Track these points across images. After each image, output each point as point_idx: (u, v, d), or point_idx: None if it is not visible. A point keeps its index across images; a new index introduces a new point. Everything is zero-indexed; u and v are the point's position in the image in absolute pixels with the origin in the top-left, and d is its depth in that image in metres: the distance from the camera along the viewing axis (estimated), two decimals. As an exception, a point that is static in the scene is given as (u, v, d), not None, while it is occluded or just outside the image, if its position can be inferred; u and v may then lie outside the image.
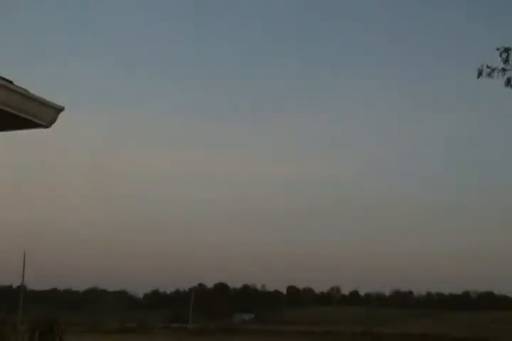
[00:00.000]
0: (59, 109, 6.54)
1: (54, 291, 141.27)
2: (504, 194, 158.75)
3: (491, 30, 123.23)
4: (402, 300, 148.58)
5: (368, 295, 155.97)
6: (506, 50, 11.27)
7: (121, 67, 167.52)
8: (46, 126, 6.57)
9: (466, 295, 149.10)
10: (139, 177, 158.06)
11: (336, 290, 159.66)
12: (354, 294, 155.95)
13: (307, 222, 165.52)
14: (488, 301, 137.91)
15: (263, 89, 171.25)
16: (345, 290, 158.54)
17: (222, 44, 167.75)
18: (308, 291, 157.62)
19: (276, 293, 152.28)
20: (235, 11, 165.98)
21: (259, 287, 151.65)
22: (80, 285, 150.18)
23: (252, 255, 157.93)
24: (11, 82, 6.13)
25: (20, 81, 6.20)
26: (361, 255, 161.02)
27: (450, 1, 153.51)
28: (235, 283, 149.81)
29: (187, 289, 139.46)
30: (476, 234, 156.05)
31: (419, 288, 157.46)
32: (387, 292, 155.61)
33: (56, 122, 6.58)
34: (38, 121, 6.44)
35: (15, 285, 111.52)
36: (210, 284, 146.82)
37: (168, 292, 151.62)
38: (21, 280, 77.72)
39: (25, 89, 6.22)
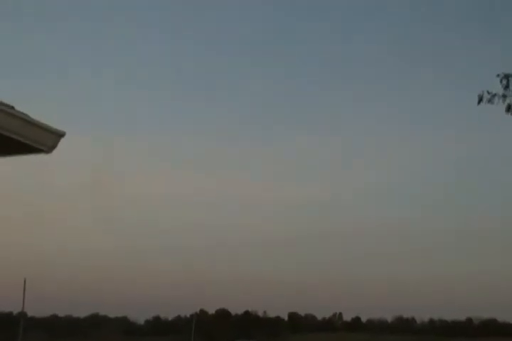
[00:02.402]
0: (60, 135, 6.54)
1: (55, 318, 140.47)
2: (504, 217, 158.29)
3: (491, 55, 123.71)
4: (404, 327, 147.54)
5: (370, 322, 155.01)
6: (506, 76, 11.34)
7: (125, 87, 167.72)
8: (47, 152, 6.57)
9: (469, 321, 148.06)
10: (141, 201, 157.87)
11: (338, 316, 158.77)
12: (356, 320, 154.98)
13: (308, 247, 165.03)
14: (491, 328, 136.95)
15: (264, 112, 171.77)
16: (348, 317, 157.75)
17: (231, 68, 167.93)
18: (310, 317, 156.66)
19: (278, 319, 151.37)
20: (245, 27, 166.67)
21: (260, 313, 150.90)
22: (81, 312, 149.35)
23: (253, 280, 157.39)
24: (12, 107, 6.14)
25: (21, 105, 6.22)
26: (363, 280, 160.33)
27: (451, 24, 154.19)
28: (237, 309, 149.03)
29: (188, 315, 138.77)
30: (478, 259, 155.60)
31: (422, 315, 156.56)
32: (390, 318, 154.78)
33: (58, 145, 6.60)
34: (39, 147, 6.44)
35: (15, 312, 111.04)
36: (211, 310, 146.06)
37: (169, 318, 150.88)
38: (22, 307, 77.30)
39: (26, 114, 6.23)
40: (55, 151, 6.61)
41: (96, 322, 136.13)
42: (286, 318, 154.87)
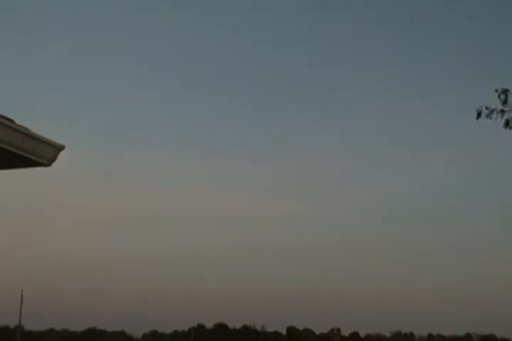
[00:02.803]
0: (59, 148, 6.57)
1: (51, 331, 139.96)
2: (500, 238, 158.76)
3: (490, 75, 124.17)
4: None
5: (368, 337, 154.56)
6: (504, 91, 11.40)
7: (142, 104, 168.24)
8: (47, 165, 6.60)
9: (468, 337, 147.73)
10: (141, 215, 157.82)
11: (336, 331, 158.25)
12: (354, 335, 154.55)
13: (308, 261, 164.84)
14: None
15: (273, 132, 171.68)
16: (346, 332, 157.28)
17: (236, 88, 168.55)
18: (309, 332, 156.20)
19: (276, 333, 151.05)
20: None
21: (258, 327, 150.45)
22: (78, 325, 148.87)
23: (252, 294, 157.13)
24: (12, 120, 6.17)
25: (21, 119, 6.25)
26: (361, 295, 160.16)
27: (450, 49, 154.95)
28: (235, 323, 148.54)
29: (186, 329, 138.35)
30: (477, 274, 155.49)
31: (420, 330, 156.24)
32: (388, 333, 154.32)
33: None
34: (38, 160, 6.47)
35: (12, 326, 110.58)
36: (209, 324, 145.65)
37: (167, 332, 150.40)
38: (19, 320, 77.00)
39: (26, 128, 6.26)
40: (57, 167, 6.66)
41: (93, 336, 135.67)
42: (284, 333, 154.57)
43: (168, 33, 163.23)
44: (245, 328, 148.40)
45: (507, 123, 11.29)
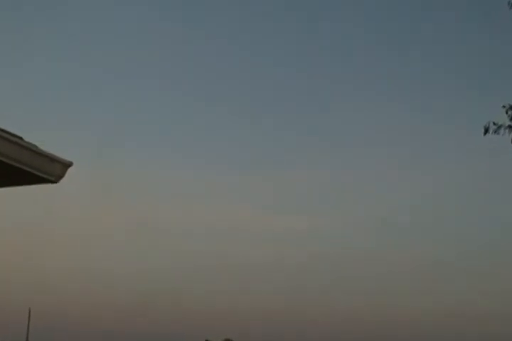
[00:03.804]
0: (67, 164, 6.59)
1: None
2: (500, 251, 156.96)
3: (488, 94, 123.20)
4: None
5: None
6: (512, 107, 11.38)
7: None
8: (55, 181, 6.62)
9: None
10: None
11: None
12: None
13: (309, 277, 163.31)
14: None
15: (266, 146, 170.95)
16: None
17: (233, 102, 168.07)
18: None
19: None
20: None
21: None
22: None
23: (258, 309, 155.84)
24: (20, 138, 6.19)
25: (30, 136, 6.27)
26: (363, 313, 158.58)
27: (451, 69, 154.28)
28: (242, 338, 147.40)
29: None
30: (480, 289, 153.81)
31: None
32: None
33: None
34: (46, 177, 6.49)
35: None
36: (217, 340, 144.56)
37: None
38: (26, 338, 76.62)
39: (34, 145, 6.28)
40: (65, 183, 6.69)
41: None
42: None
43: (170, 45, 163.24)
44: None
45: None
